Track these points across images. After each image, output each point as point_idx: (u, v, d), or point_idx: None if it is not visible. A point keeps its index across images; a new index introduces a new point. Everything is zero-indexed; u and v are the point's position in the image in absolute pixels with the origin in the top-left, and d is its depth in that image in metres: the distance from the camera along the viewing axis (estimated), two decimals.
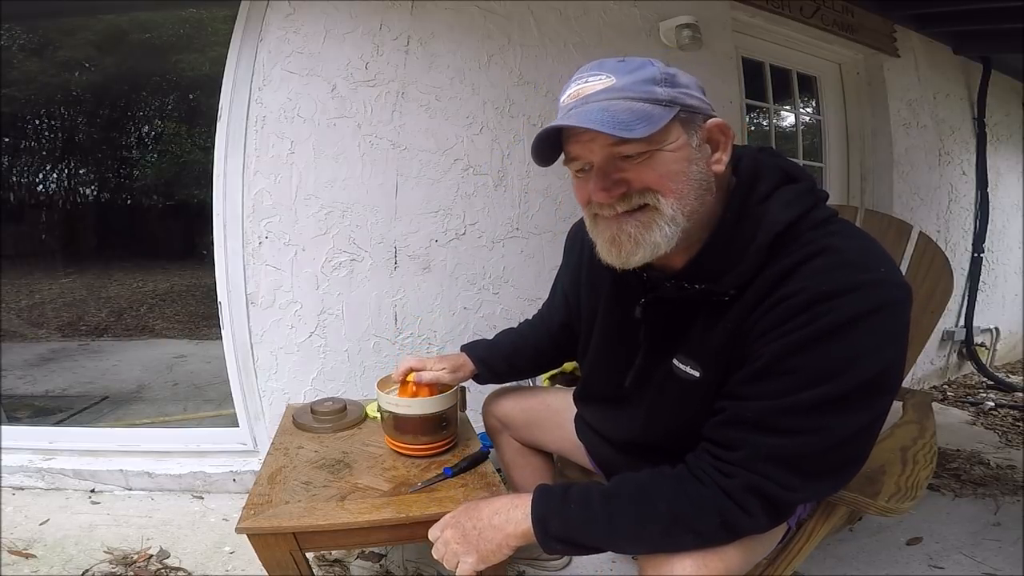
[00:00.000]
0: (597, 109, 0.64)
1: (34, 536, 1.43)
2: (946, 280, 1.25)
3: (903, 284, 0.64)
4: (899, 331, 0.63)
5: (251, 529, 0.87)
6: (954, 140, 2.98)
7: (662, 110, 0.65)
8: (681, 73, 0.69)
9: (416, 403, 1.06)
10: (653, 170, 0.66)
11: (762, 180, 0.71)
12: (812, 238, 0.66)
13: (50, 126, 6.18)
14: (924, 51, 2.84)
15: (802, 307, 0.62)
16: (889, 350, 0.62)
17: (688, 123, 0.67)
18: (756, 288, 0.67)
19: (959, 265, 3.00)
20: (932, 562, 1.40)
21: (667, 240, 0.67)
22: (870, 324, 0.60)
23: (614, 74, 0.66)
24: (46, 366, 3.39)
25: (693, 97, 0.68)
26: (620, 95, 0.65)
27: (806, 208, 0.68)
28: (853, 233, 0.68)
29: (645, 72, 0.66)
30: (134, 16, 5.13)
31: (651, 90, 0.65)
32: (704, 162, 0.69)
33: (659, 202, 0.67)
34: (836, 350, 0.61)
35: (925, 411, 1.13)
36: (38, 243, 5.92)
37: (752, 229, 0.68)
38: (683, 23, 2.02)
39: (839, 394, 0.61)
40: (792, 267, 0.65)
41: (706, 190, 0.68)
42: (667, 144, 0.66)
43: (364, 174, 1.70)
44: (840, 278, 0.62)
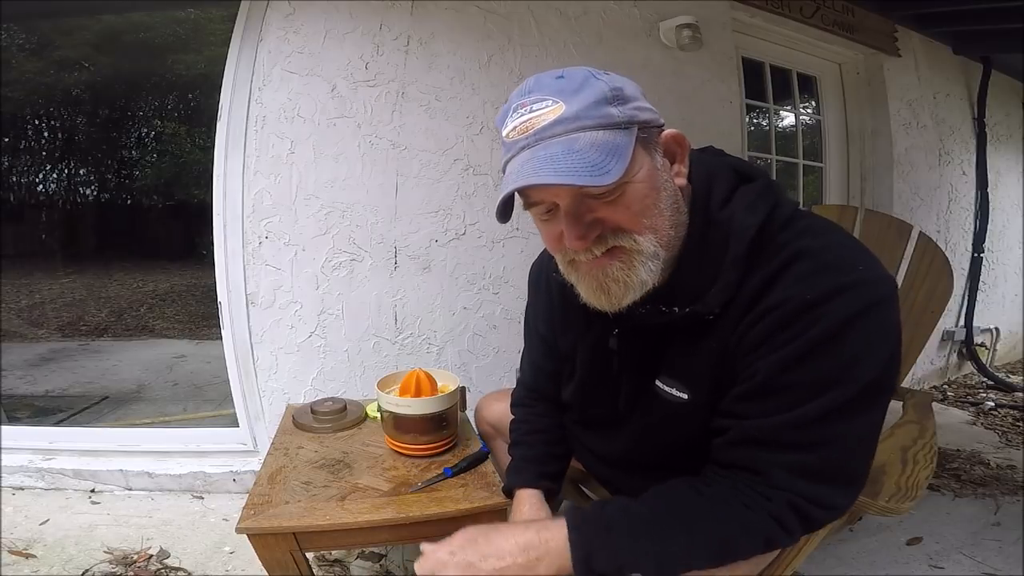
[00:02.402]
0: (562, 152, 0.59)
1: (34, 536, 1.43)
2: (946, 280, 1.25)
3: (884, 277, 0.62)
4: (890, 327, 0.62)
5: (251, 529, 0.87)
6: (954, 140, 2.98)
7: (624, 136, 0.61)
8: (625, 81, 0.65)
9: (416, 403, 1.06)
10: (626, 208, 0.62)
11: (717, 182, 0.68)
12: (784, 240, 0.64)
13: (50, 126, 6.18)
14: (924, 51, 2.84)
15: (789, 318, 0.60)
16: (884, 348, 0.61)
17: (648, 142, 0.64)
18: (738, 302, 0.65)
19: (959, 265, 3.00)
20: (932, 562, 1.40)
21: (652, 275, 0.65)
22: (860, 326, 0.59)
23: (561, 98, 0.61)
24: (46, 366, 3.40)
25: (644, 109, 0.64)
26: (577, 126, 0.60)
27: (770, 207, 0.65)
28: (821, 228, 0.66)
29: (594, 90, 0.61)
30: (132, 16, 5.13)
31: (606, 113, 0.61)
32: (670, 180, 0.66)
33: (636, 242, 0.63)
34: (832, 358, 0.59)
35: (925, 411, 1.13)
36: (38, 243, 5.92)
37: (722, 238, 0.65)
38: (683, 23, 2.02)
39: (845, 400, 0.59)
40: (771, 276, 0.62)
41: (677, 211, 0.66)
42: (635, 175, 0.62)
43: (364, 174, 1.70)
44: (823, 284, 0.60)
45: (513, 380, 1.21)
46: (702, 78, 2.17)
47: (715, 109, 2.20)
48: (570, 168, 0.58)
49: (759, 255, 0.64)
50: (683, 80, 2.13)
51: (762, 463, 0.63)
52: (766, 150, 2.70)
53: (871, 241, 1.40)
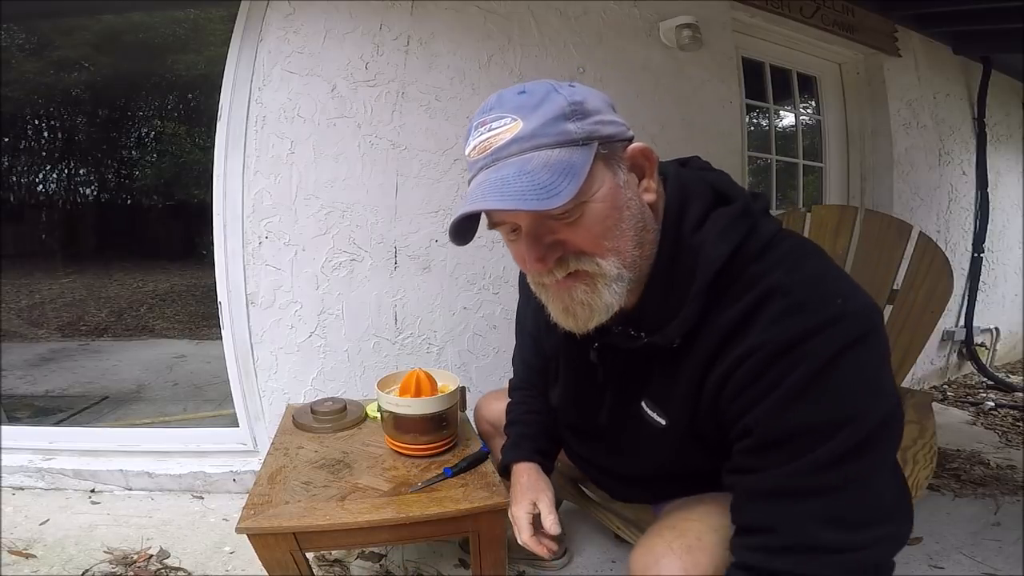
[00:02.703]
0: (513, 173, 0.58)
1: (34, 536, 1.43)
2: (946, 280, 1.25)
3: (864, 308, 0.58)
4: (878, 360, 0.58)
5: (251, 529, 0.87)
6: (954, 140, 2.98)
7: (581, 153, 0.59)
8: (590, 93, 0.62)
9: (416, 403, 1.06)
10: (586, 230, 0.61)
11: (692, 202, 0.65)
12: (756, 273, 0.60)
13: (50, 126, 6.18)
14: (924, 51, 2.84)
15: (764, 366, 0.58)
16: (881, 380, 0.58)
17: (610, 158, 0.62)
18: (706, 337, 0.62)
19: (959, 265, 3.00)
20: (932, 562, 1.40)
21: (618, 298, 0.63)
22: (846, 363, 0.56)
23: (519, 114, 0.60)
24: (46, 366, 3.39)
25: (608, 123, 0.62)
26: (532, 144, 0.59)
27: (744, 235, 0.62)
28: (798, 258, 0.62)
29: (552, 106, 0.59)
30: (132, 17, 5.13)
31: (563, 130, 0.59)
32: (636, 198, 0.63)
33: (599, 265, 0.62)
34: (825, 400, 0.56)
35: (925, 411, 1.13)
36: (38, 243, 5.92)
37: (690, 266, 0.62)
38: (683, 23, 2.02)
39: (852, 442, 0.56)
40: (744, 316, 0.60)
41: (643, 229, 0.63)
42: (594, 194, 0.60)
43: (364, 174, 1.70)
44: (797, 324, 0.57)
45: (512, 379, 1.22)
46: (702, 78, 2.17)
47: (715, 109, 2.20)
48: (518, 191, 0.56)
49: (728, 288, 0.61)
50: (683, 80, 2.13)
51: (777, 517, 0.59)
52: (766, 150, 2.70)
53: (871, 241, 1.40)
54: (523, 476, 0.93)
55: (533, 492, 0.90)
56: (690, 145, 2.12)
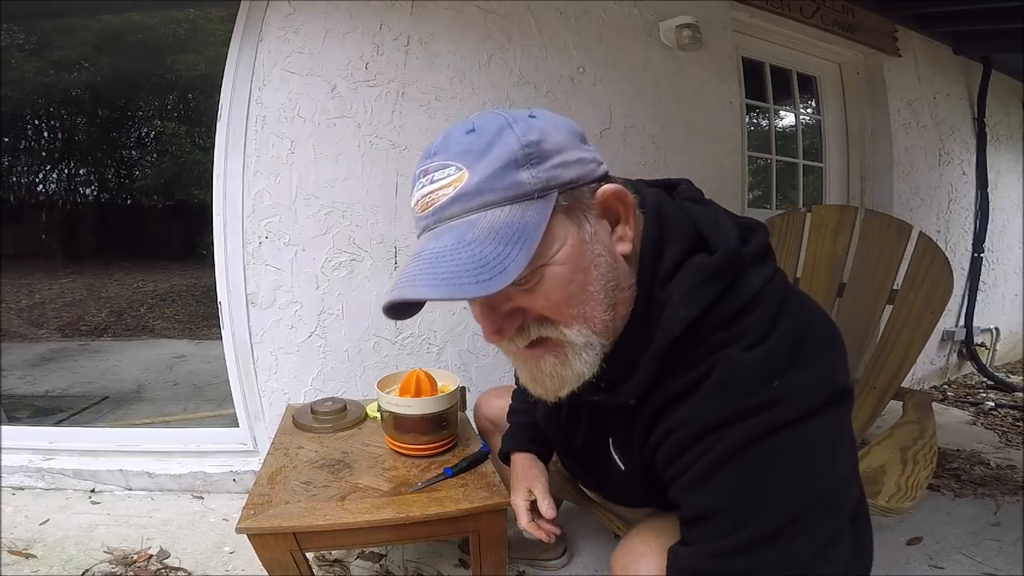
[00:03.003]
0: (451, 245, 0.50)
1: (34, 536, 1.42)
2: (946, 280, 1.25)
3: (814, 391, 0.52)
4: (815, 443, 0.52)
5: (251, 529, 0.87)
6: (954, 140, 2.98)
7: (536, 209, 0.51)
8: (551, 127, 0.54)
9: (416, 403, 1.06)
10: (546, 298, 0.53)
11: (669, 245, 0.57)
12: (715, 344, 0.55)
13: (50, 126, 6.18)
14: (924, 51, 2.84)
15: (688, 443, 0.54)
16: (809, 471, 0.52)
17: (574, 208, 0.53)
18: (654, 401, 0.59)
19: (959, 265, 3.00)
20: (932, 562, 1.40)
21: (591, 366, 0.57)
22: (770, 449, 0.51)
23: (465, 161, 0.51)
24: (46, 366, 3.39)
25: (572, 164, 0.53)
26: (478, 203, 0.51)
27: (714, 297, 0.55)
28: (766, 329, 0.54)
29: (503, 149, 0.51)
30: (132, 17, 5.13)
31: (515, 181, 0.51)
32: (605, 252, 0.55)
33: (563, 334, 0.55)
34: (736, 486, 0.52)
35: (925, 411, 1.13)
36: (38, 243, 5.92)
37: (652, 325, 0.56)
38: (683, 23, 2.02)
39: (772, 528, 0.51)
40: (685, 388, 0.55)
41: (616, 288, 0.56)
42: (554, 256, 0.52)
43: (364, 174, 1.70)
44: (725, 408, 0.52)
45: (512, 379, 1.22)
46: (702, 78, 2.17)
47: (715, 109, 2.20)
48: (454, 271, 0.49)
49: (685, 355, 0.56)
50: (683, 80, 2.13)
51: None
52: (766, 150, 2.71)
53: (871, 241, 1.40)
54: (518, 465, 0.95)
55: (528, 480, 0.91)
56: (690, 145, 2.13)
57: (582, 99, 1.95)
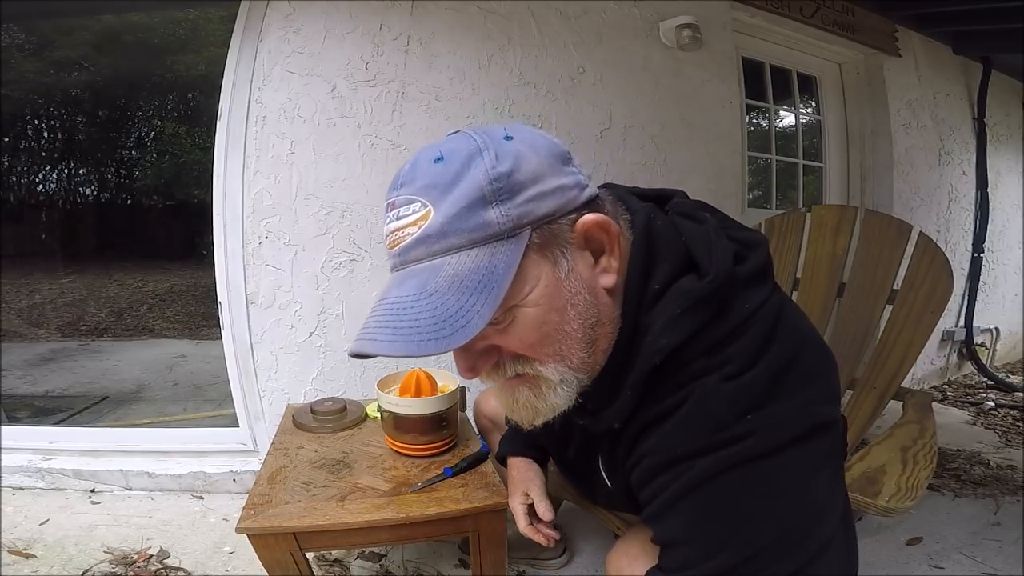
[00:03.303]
0: (412, 297, 0.48)
1: (34, 536, 1.42)
2: (946, 280, 1.25)
3: (788, 424, 0.50)
4: (783, 480, 0.50)
5: (251, 529, 0.87)
6: (954, 140, 2.98)
7: (506, 252, 0.48)
8: (527, 152, 0.50)
9: (416, 403, 1.06)
10: (519, 339, 0.52)
11: (657, 268, 0.55)
12: (695, 371, 0.53)
13: (50, 126, 6.18)
14: (924, 51, 2.84)
15: (657, 470, 0.53)
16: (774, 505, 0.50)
17: (549, 244, 0.50)
18: (633, 426, 0.58)
19: (959, 265, 3.00)
20: (932, 562, 1.40)
21: (567, 399, 0.56)
22: (730, 485, 0.49)
23: (430, 197, 0.48)
24: (46, 366, 3.39)
25: (548, 194, 0.49)
26: (443, 247, 0.48)
27: (700, 325, 0.52)
28: (751, 357, 0.52)
29: (469, 185, 0.48)
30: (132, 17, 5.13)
31: (482, 222, 0.47)
32: (583, 290, 0.52)
33: (538, 371, 0.54)
34: (698, 519, 0.51)
35: (925, 411, 1.13)
36: (38, 243, 5.92)
37: (636, 352, 0.54)
38: (683, 23, 2.02)
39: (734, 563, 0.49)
40: (661, 414, 0.54)
41: (596, 324, 0.53)
42: (527, 296, 0.50)
43: (364, 174, 1.70)
44: (695, 439, 0.51)
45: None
46: (702, 78, 2.17)
47: (715, 109, 2.20)
48: (412, 328, 0.47)
49: (664, 381, 0.54)
50: (683, 80, 2.13)
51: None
52: (766, 150, 2.71)
53: (871, 241, 1.40)
54: (514, 470, 0.95)
55: (524, 483, 0.91)
56: (690, 145, 2.13)
57: (582, 99, 1.95)
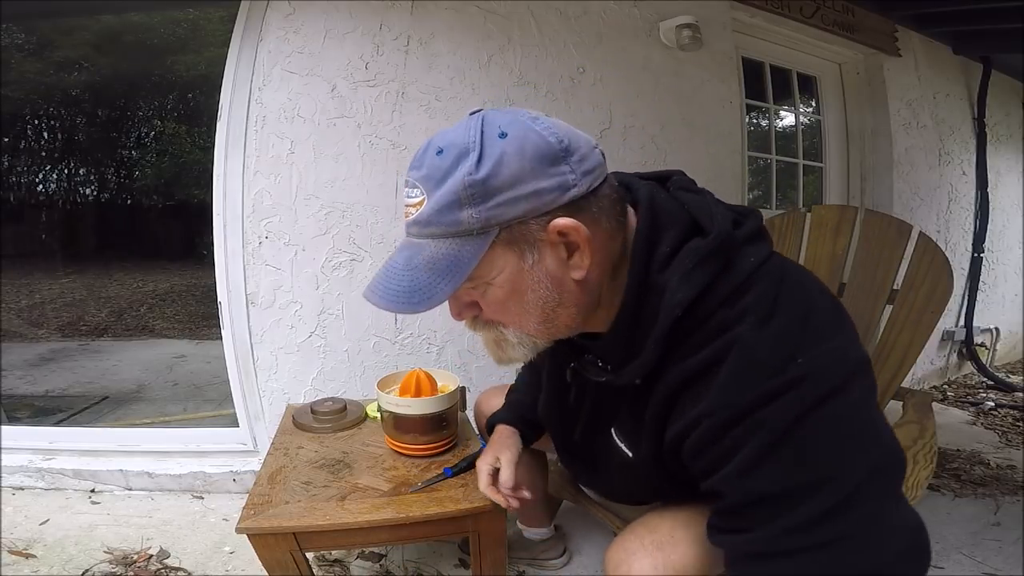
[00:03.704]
0: (402, 265, 0.60)
1: (34, 536, 1.43)
2: (946, 280, 1.25)
3: (837, 361, 0.55)
4: (851, 412, 0.54)
5: (251, 529, 0.87)
6: (954, 140, 2.98)
7: (473, 244, 0.57)
8: (509, 157, 0.55)
9: (416, 403, 1.06)
10: (487, 304, 0.63)
11: (664, 234, 0.60)
12: (722, 321, 0.57)
13: (50, 126, 6.18)
14: (924, 51, 2.84)
15: (724, 428, 0.55)
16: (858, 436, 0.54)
17: (517, 241, 0.57)
18: (666, 383, 0.60)
19: (959, 265, 3.00)
20: (932, 562, 1.40)
21: (524, 355, 0.66)
22: (816, 424, 0.53)
23: (426, 187, 0.57)
24: (46, 366, 3.39)
25: (522, 199, 0.55)
26: (427, 232, 0.58)
27: (712, 276, 0.57)
28: (770, 307, 0.57)
29: (452, 185, 0.55)
30: (132, 17, 5.13)
31: (456, 219, 0.56)
32: (547, 279, 0.59)
33: (502, 331, 0.65)
34: (794, 463, 0.54)
35: (925, 411, 1.13)
36: (38, 243, 5.92)
37: (653, 308, 0.59)
38: (683, 23, 2.02)
39: (836, 499, 0.53)
40: (703, 367, 0.57)
41: (558, 305, 0.61)
42: (493, 278, 0.59)
43: (364, 174, 1.70)
44: (754, 390, 0.54)
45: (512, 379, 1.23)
46: (702, 78, 2.17)
47: (715, 109, 2.20)
48: (397, 290, 0.59)
49: (691, 334, 0.58)
50: (683, 80, 2.13)
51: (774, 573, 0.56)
52: (766, 150, 2.71)
53: (871, 241, 1.40)
54: (497, 434, 0.99)
55: (498, 448, 0.94)
56: (690, 145, 2.13)
57: (582, 99, 1.95)
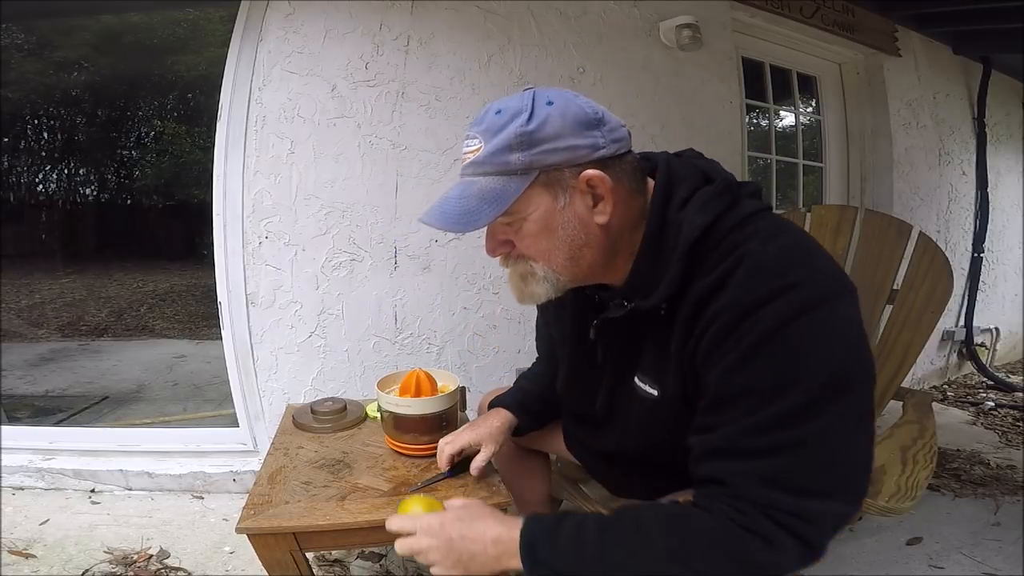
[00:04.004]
0: (456, 195, 0.70)
1: (34, 536, 1.43)
2: (946, 280, 1.25)
3: (827, 277, 0.62)
4: (838, 324, 0.60)
5: (251, 529, 0.87)
6: (954, 140, 2.98)
7: (517, 182, 0.67)
8: (554, 117, 0.66)
9: (416, 403, 1.06)
10: (521, 239, 0.71)
11: (679, 185, 0.70)
12: (733, 242, 0.65)
13: (49, 126, 6.19)
14: (924, 51, 2.84)
15: (729, 327, 0.61)
16: (834, 346, 0.59)
17: (552, 184, 0.68)
18: (688, 302, 0.66)
19: (959, 265, 2.99)
20: (932, 562, 1.40)
21: (547, 291, 0.73)
22: (798, 329, 0.58)
23: (484, 138, 0.68)
24: (46, 366, 3.40)
25: (561, 150, 0.66)
26: (480, 171, 0.69)
27: (724, 208, 0.67)
28: (774, 231, 0.66)
29: (506, 135, 0.66)
30: (132, 17, 5.13)
31: (505, 161, 0.67)
32: (575, 220, 0.69)
33: (531, 265, 0.73)
34: (772, 363, 0.59)
35: (925, 411, 1.13)
36: (38, 243, 5.92)
37: (674, 238, 0.67)
38: (683, 23, 2.02)
39: (801, 404, 0.58)
40: (716, 282, 0.63)
41: (583, 246, 0.70)
42: (529, 214, 0.69)
43: (364, 174, 1.70)
44: (757, 289, 0.60)
45: (512, 380, 1.23)
46: (702, 78, 2.17)
47: (715, 109, 2.20)
48: (450, 213, 0.69)
49: (706, 256, 0.65)
50: (683, 80, 2.13)
51: (726, 473, 0.61)
52: (766, 150, 2.71)
53: (871, 241, 1.40)
54: (488, 418, 1.03)
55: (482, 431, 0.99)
56: (690, 145, 2.10)
57: None
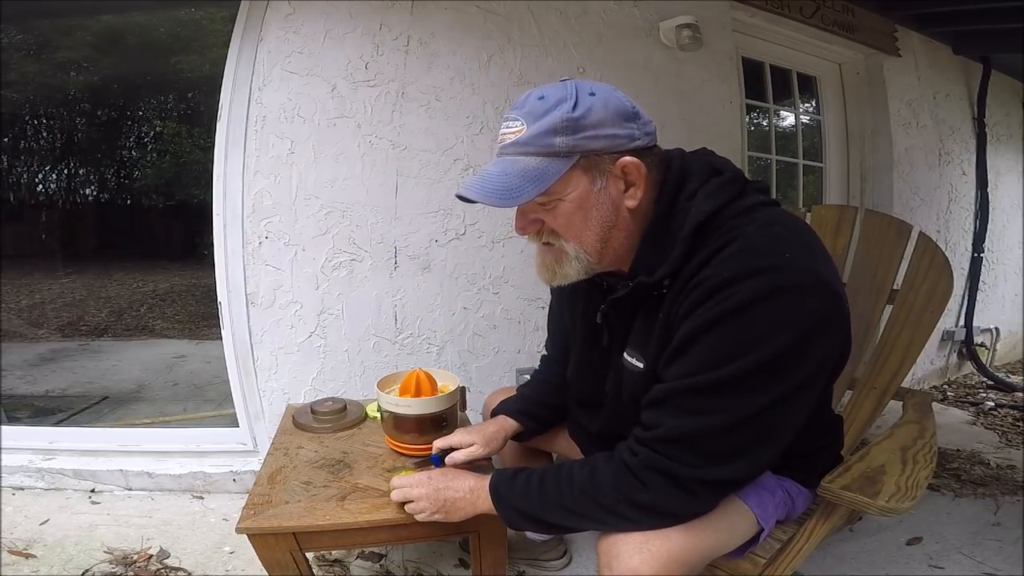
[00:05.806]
0: (497, 172, 0.72)
1: (34, 536, 1.43)
2: (946, 280, 1.25)
3: (809, 268, 0.65)
4: (797, 317, 0.64)
5: (251, 529, 0.88)
6: (954, 140, 2.97)
7: (559, 163, 0.70)
8: (599, 106, 0.70)
9: (416, 403, 1.06)
10: (555, 218, 0.75)
11: (691, 178, 0.75)
12: (733, 226, 0.69)
13: (49, 126, 6.19)
14: (924, 51, 2.84)
15: (707, 293, 0.66)
16: (784, 335, 0.63)
17: (591, 168, 0.72)
18: (682, 277, 0.71)
19: (959, 265, 3.00)
20: (932, 562, 1.40)
21: (578, 272, 0.78)
22: (765, 308, 0.63)
23: (527, 120, 0.71)
24: (46, 366, 3.39)
25: (603, 137, 0.70)
26: (523, 151, 0.71)
27: (729, 197, 0.72)
28: (773, 220, 0.70)
29: (551, 119, 0.69)
30: (131, 17, 5.13)
31: (549, 143, 0.70)
32: (609, 203, 0.74)
33: (563, 245, 0.76)
34: (731, 333, 0.64)
35: (925, 411, 1.13)
36: (38, 243, 5.93)
37: (680, 223, 0.72)
38: (683, 23, 2.02)
39: (733, 376, 0.64)
40: (709, 256, 0.68)
41: (612, 227, 0.75)
42: (566, 194, 0.73)
43: (364, 174, 1.70)
44: (741, 264, 0.65)
45: (513, 380, 1.24)
46: (702, 78, 2.17)
47: (715, 109, 2.20)
48: (491, 188, 0.71)
49: (707, 238, 0.70)
50: (683, 80, 2.13)
51: (651, 421, 0.71)
52: (766, 150, 2.71)
53: (871, 241, 1.40)
54: (487, 423, 1.08)
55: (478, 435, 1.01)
56: (690, 145, 2.10)
57: None
